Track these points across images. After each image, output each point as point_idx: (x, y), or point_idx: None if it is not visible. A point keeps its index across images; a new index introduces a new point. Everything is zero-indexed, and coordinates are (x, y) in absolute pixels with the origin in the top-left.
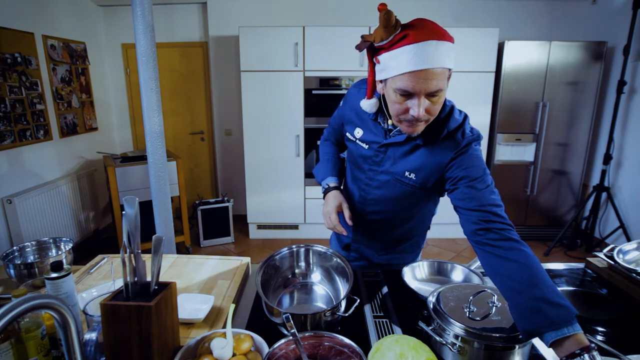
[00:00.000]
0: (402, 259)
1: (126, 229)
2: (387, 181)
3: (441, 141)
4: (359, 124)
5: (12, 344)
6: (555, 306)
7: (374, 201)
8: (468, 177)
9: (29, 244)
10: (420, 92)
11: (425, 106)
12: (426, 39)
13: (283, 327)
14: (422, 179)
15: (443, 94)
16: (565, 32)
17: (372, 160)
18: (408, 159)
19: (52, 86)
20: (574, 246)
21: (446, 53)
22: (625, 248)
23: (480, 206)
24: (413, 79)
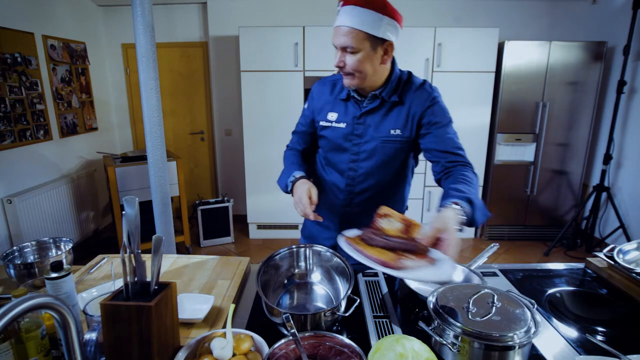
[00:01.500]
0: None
1: (126, 229)
2: (374, 147)
3: (414, 93)
4: (331, 108)
5: (12, 344)
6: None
7: (364, 176)
8: (439, 123)
9: (29, 244)
10: (336, 45)
11: (341, 58)
12: (351, 3)
13: (283, 327)
14: (408, 131)
15: (361, 53)
16: (565, 32)
17: (353, 134)
18: (389, 119)
19: (52, 86)
20: (574, 246)
21: (366, 19)
22: (625, 248)
23: (453, 147)
24: (333, 33)
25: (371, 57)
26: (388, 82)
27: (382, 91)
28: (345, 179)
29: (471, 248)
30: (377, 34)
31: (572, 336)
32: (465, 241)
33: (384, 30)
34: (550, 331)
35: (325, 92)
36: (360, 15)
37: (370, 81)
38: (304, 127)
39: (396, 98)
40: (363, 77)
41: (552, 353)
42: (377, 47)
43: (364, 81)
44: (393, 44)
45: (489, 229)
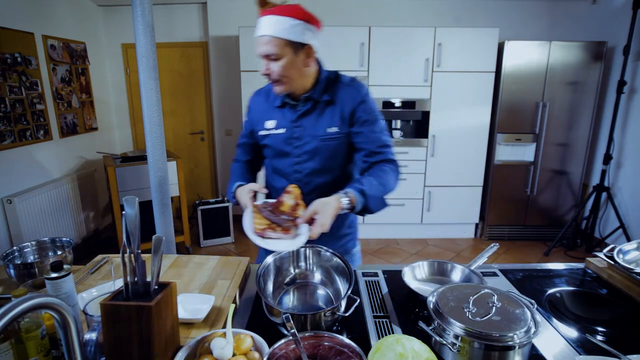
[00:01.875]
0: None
1: (126, 229)
2: (315, 147)
3: (344, 91)
4: (268, 117)
5: (12, 344)
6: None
7: (310, 176)
8: (368, 121)
9: (29, 244)
10: (259, 55)
11: (266, 67)
12: (268, 13)
13: (283, 327)
14: (344, 127)
15: (284, 59)
16: (565, 32)
17: (292, 138)
18: (324, 118)
19: (52, 86)
20: (574, 246)
21: (283, 26)
22: (625, 248)
23: (378, 146)
24: (256, 44)
25: (294, 62)
26: (317, 83)
27: (312, 92)
28: (293, 182)
29: (471, 248)
30: (296, 39)
31: (572, 336)
32: (465, 241)
33: (302, 35)
34: (550, 331)
35: (261, 102)
36: (277, 24)
37: (298, 85)
38: (245, 138)
39: (327, 97)
40: (290, 82)
41: (552, 353)
42: (299, 51)
43: (292, 86)
44: (313, 47)
45: (489, 229)
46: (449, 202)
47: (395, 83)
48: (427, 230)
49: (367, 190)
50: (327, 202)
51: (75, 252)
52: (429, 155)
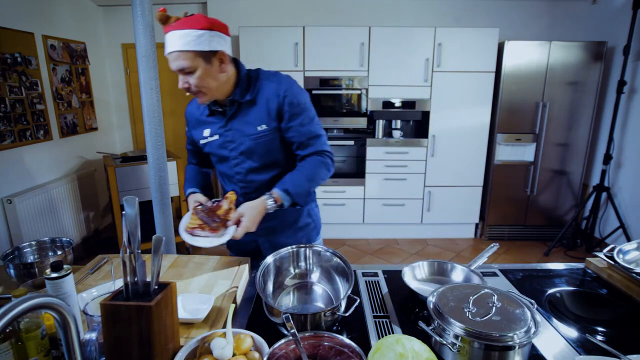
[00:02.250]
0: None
1: (126, 229)
2: (249, 147)
3: (267, 87)
4: (204, 126)
5: (12, 344)
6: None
7: (252, 175)
8: (294, 115)
9: (28, 243)
10: (175, 70)
11: (184, 81)
12: (171, 30)
13: (283, 327)
14: (272, 123)
15: (199, 70)
16: (565, 32)
17: (227, 142)
18: (251, 117)
19: (52, 86)
20: (574, 246)
21: (189, 39)
22: (625, 248)
23: (308, 139)
24: (169, 61)
25: (209, 70)
26: (238, 84)
27: (234, 95)
28: (238, 184)
29: (471, 248)
30: (205, 49)
31: (572, 336)
32: (466, 241)
33: (210, 43)
34: (550, 331)
35: (195, 112)
36: (182, 38)
37: (219, 91)
38: (190, 146)
39: (249, 97)
40: (210, 91)
41: (552, 353)
42: (211, 59)
43: (213, 94)
44: (224, 52)
45: (489, 229)
46: (449, 202)
47: (395, 83)
48: (427, 230)
49: (291, 189)
50: (253, 206)
51: (75, 252)
52: (429, 155)
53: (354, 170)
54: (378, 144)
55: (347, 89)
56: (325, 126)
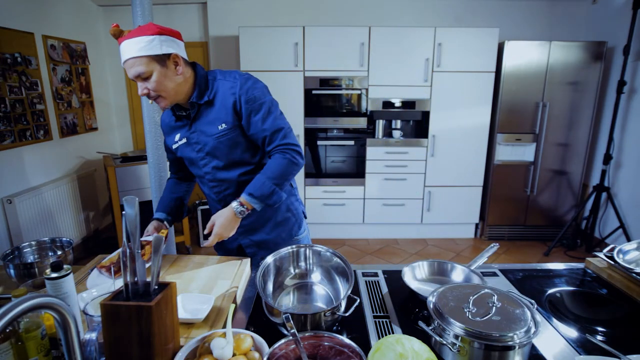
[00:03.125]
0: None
1: (126, 229)
2: (213, 147)
3: (223, 87)
4: (175, 132)
5: (12, 344)
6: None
7: (221, 173)
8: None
9: (28, 244)
10: (132, 79)
11: (142, 87)
12: (123, 40)
13: (283, 327)
14: (232, 121)
15: (155, 74)
16: (565, 32)
17: (193, 144)
18: (212, 118)
19: (52, 86)
20: (574, 246)
21: (140, 45)
22: (625, 248)
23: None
24: (126, 70)
25: (165, 73)
26: (195, 86)
27: (193, 97)
28: (209, 184)
29: (471, 248)
30: (157, 52)
31: (572, 336)
32: (466, 241)
33: (161, 47)
34: (550, 331)
35: (167, 120)
36: (135, 45)
37: (178, 94)
38: (169, 154)
39: (207, 97)
40: (168, 94)
41: (552, 353)
42: (166, 62)
43: (172, 97)
44: (178, 54)
45: (489, 229)
46: (449, 202)
47: (395, 83)
48: (427, 230)
49: (254, 192)
50: (222, 214)
51: (75, 252)
52: (429, 155)
53: (354, 170)
54: (378, 144)
55: (347, 89)
56: (325, 126)
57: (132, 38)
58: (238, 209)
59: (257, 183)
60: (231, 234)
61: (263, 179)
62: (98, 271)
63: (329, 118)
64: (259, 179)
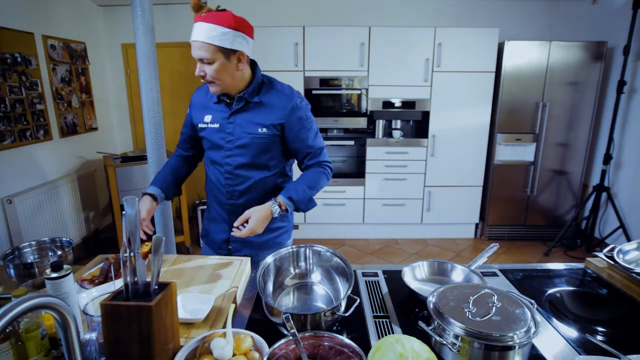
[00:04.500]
0: (278, 237)
1: (126, 229)
2: (245, 143)
3: (277, 97)
4: (206, 112)
5: (12, 344)
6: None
7: (240, 169)
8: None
9: (28, 244)
10: (195, 57)
11: (201, 69)
12: (201, 20)
13: (283, 327)
14: (272, 129)
15: (217, 63)
16: (565, 32)
17: (225, 132)
18: (255, 118)
19: (52, 86)
20: (574, 246)
21: (215, 34)
22: (625, 248)
23: (308, 148)
24: (192, 47)
25: (226, 66)
26: (250, 85)
27: (244, 93)
28: (224, 174)
29: (471, 248)
30: (227, 46)
31: (572, 336)
32: (466, 241)
33: (232, 42)
34: (550, 331)
35: (202, 98)
36: (209, 31)
37: (232, 86)
38: (186, 129)
39: (257, 99)
40: (223, 84)
41: (552, 353)
42: (230, 56)
43: (225, 87)
44: (244, 53)
45: (489, 229)
46: (449, 202)
47: (395, 83)
48: (427, 230)
49: (294, 197)
50: (259, 209)
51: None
52: (429, 155)
53: (354, 170)
54: (378, 144)
55: (347, 89)
56: (325, 126)
57: (209, 23)
58: (275, 208)
59: (298, 189)
60: (261, 231)
61: (303, 186)
62: (79, 285)
63: (329, 118)
64: (298, 186)
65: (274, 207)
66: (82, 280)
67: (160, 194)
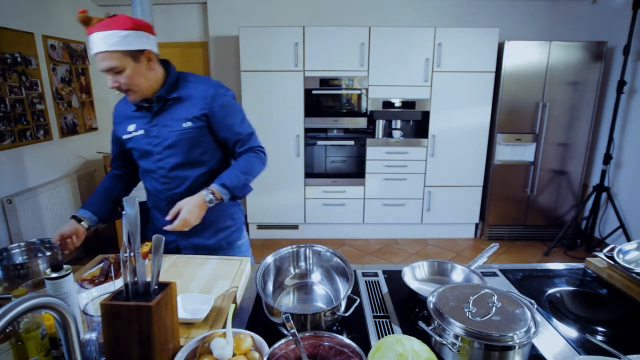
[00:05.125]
0: (229, 237)
1: (126, 229)
2: (173, 142)
3: (195, 88)
4: (129, 122)
5: (12, 344)
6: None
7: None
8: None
9: (17, 244)
10: (102, 71)
11: (114, 80)
12: (95, 31)
13: (283, 327)
14: (197, 122)
15: (128, 69)
16: (565, 32)
17: (152, 137)
18: (177, 114)
19: (52, 86)
20: (574, 246)
21: (114, 40)
22: (625, 248)
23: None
24: (96, 61)
25: (138, 69)
26: (165, 83)
27: (161, 92)
28: (160, 179)
29: (471, 248)
30: (133, 48)
31: (572, 336)
32: (466, 241)
33: (137, 42)
34: (550, 331)
35: (123, 109)
36: (109, 38)
37: (148, 89)
38: (114, 146)
39: (176, 95)
40: (140, 89)
41: (552, 353)
42: (139, 58)
43: (143, 92)
44: (152, 50)
45: (489, 229)
46: (449, 202)
47: (395, 83)
48: (427, 230)
49: (228, 183)
50: (190, 199)
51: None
52: (429, 155)
53: (354, 170)
54: (378, 144)
55: (347, 89)
56: (325, 126)
57: (105, 31)
58: (208, 197)
59: (231, 175)
60: (197, 222)
61: (236, 172)
62: (79, 285)
63: (329, 118)
64: (231, 172)
65: (208, 196)
66: (82, 280)
67: (90, 216)
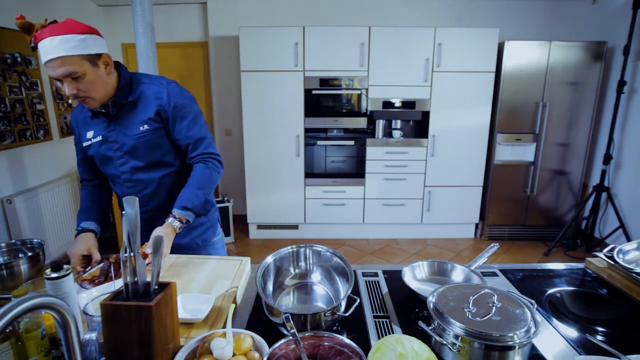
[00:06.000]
0: (203, 235)
1: (126, 229)
2: (132, 147)
3: (149, 90)
4: (87, 129)
5: (12, 344)
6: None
7: (136, 173)
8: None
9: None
10: (59, 78)
11: (72, 87)
12: (46, 36)
13: (283, 327)
14: (154, 124)
15: (88, 75)
16: (565, 32)
17: (111, 142)
18: (134, 118)
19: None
20: (574, 246)
21: (71, 44)
22: (625, 248)
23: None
24: (49, 69)
25: (97, 74)
26: (120, 86)
27: (116, 96)
28: (124, 184)
29: (471, 248)
30: (91, 52)
31: (572, 336)
32: (466, 241)
33: (94, 46)
34: (550, 331)
35: (80, 116)
36: (65, 43)
37: (107, 94)
38: (79, 154)
39: (132, 98)
40: (98, 95)
41: (552, 353)
42: (97, 62)
43: (101, 97)
44: (108, 54)
45: (489, 229)
46: (449, 202)
47: (395, 83)
48: (427, 230)
49: (189, 205)
50: (158, 230)
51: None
52: (429, 155)
53: (354, 170)
54: (378, 144)
55: (347, 89)
56: (325, 126)
57: (60, 35)
58: (176, 224)
59: (189, 195)
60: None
61: (194, 190)
62: (79, 285)
63: (329, 118)
64: (189, 191)
65: (174, 223)
66: (82, 280)
67: (96, 227)
